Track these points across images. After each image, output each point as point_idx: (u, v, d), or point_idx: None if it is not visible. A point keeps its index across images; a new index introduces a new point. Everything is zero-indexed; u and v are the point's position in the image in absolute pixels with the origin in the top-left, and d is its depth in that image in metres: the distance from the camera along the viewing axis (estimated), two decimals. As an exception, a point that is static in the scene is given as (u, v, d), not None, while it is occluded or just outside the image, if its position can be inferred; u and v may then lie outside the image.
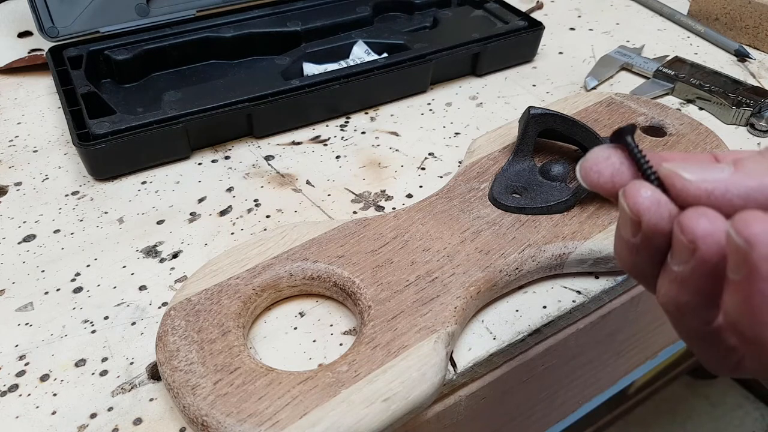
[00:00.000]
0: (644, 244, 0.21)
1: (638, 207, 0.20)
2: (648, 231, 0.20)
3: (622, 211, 0.21)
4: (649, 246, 0.21)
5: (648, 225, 0.20)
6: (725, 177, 0.20)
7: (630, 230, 0.21)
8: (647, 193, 0.20)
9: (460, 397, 0.33)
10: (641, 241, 0.21)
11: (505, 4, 0.58)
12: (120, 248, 0.38)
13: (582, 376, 0.42)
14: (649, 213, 0.20)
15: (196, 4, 0.54)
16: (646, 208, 0.20)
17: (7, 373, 0.31)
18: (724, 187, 0.19)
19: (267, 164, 0.45)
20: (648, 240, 0.21)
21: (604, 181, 0.22)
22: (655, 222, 0.20)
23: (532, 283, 0.36)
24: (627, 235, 0.21)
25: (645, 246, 0.21)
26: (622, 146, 0.22)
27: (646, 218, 0.20)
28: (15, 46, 0.58)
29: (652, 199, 0.20)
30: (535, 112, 0.40)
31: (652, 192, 0.20)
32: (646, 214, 0.20)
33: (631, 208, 0.20)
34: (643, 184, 0.20)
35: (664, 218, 0.20)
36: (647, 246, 0.21)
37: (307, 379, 0.28)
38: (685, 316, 0.21)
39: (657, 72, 0.53)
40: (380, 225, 0.36)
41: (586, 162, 0.22)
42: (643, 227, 0.20)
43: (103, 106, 0.44)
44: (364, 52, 0.53)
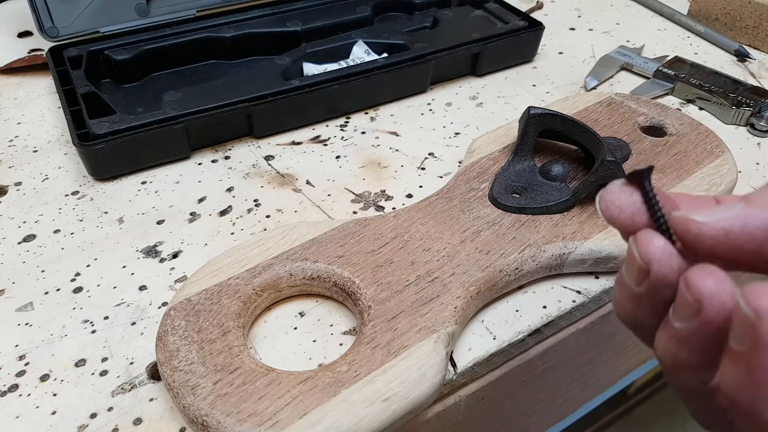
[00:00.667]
0: (648, 294, 0.20)
1: (649, 256, 0.20)
2: (655, 281, 0.20)
3: (631, 259, 0.21)
4: (653, 297, 0.20)
5: (657, 275, 0.20)
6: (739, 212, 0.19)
7: (636, 279, 0.20)
8: (660, 242, 0.20)
9: (460, 397, 0.33)
10: (646, 291, 0.20)
11: (505, 4, 0.58)
12: (120, 248, 0.38)
13: (582, 376, 0.42)
14: (659, 263, 0.20)
15: (196, 4, 0.54)
16: (657, 258, 0.20)
17: (7, 373, 0.31)
18: (741, 222, 0.19)
19: (267, 164, 0.45)
20: (653, 291, 0.20)
21: (624, 218, 0.21)
22: (664, 273, 0.20)
23: (532, 283, 0.36)
24: (631, 284, 0.21)
25: (649, 296, 0.20)
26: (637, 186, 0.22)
27: (656, 268, 0.20)
28: (15, 46, 0.58)
29: (664, 250, 0.20)
30: (535, 112, 0.40)
31: (664, 243, 0.20)
32: (657, 265, 0.20)
33: (642, 257, 0.20)
34: (655, 234, 0.20)
35: (673, 270, 0.20)
36: (651, 297, 0.20)
37: (307, 379, 0.28)
38: (682, 373, 0.21)
39: (657, 72, 0.53)
40: (380, 225, 0.36)
41: (608, 195, 0.22)
42: (651, 277, 0.20)
43: (103, 106, 0.44)
44: (364, 52, 0.53)
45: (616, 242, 0.35)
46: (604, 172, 0.36)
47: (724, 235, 0.19)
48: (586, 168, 0.41)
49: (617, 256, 0.35)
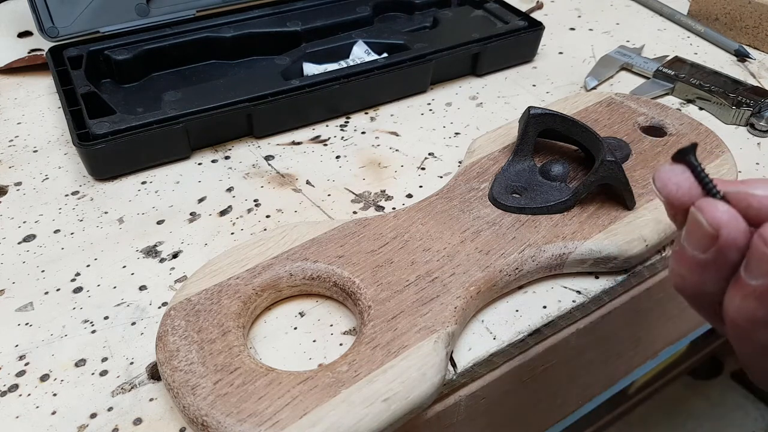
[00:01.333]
0: (716, 259, 0.21)
1: (718, 220, 0.20)
2: (724, 244, 0.20)
3: (695, 227, 0.21)
4: (721, 261, 0.21)
5: (727, 238, 0.20)
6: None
7: (703, 246, 0.21)
8: (725, 207, 0.20)
9: (460, 397, 0.33)
10: (713, 257, 0.21)
11: (505, 4, 0.58)
12: (120, 248, 0.38)
13: (582, 376, 0.42)
14: (728, 226, 0.20)
15: (196, 4, 0.54)
16: (726, 222, 0.20)
17: (7, 373, 0.31)
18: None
19: (267, 164, 0.45)
20: (722, 255, 0.21)
21: (682, 193, 0.22)
22: (734, 235, 0.20)
23: (532, 283, 0.36)
24: (697, 251, 0.21)
25: (716, 262, 0.21)
26: (685, 163, 0.22)
27: (725, 232, 0.20)
28: (15, 46, 0.58)
29: (731, 213, 0.20)
30: (535, 112, 0.40)
31: (728, 207, 0.21)
32: (726, 228, 0.20)
33: (711, 222, 0.20)
34: (718, 201, 0.21)
35: (741, 231, 0.20)
36: (719, 261, 0.21)
37: (307, 379, 0.28)
38: (759, 330, 0.21)
39: (657, 72, 0.53)
40: (380, 225, 0.36)
41: (664, 173, 0.22)
42: (720, 241, 0.20)
43: (103, 106, 0.44)
44: (364, 52, 0.53)
45: (616, 242, 0.35)
46: (604, 172, 0.36)
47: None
48: (586, 168, 0.41)
49: (617, 256, 0.35)
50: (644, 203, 0.38)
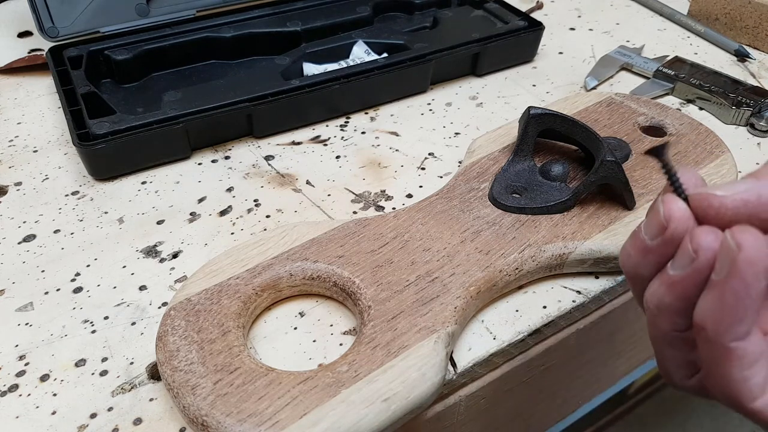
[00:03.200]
0: (657, 248, 0.23)
1: (670, 214, 0.23)
2: (668, 237, 0.23)
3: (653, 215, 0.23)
4: (660, 251, 0.23)
5: (673, 232, 0.23)
6: (753, 185, 0.22)
7: (652, 233, 0.23)
8: (682, 206, 0.23)
9: (460, 397, 0.33)
10: (656, 245, 0.23)
11: (505, 4, 0.58)
12: (120, 248, 0.38)
13: (582, 376, 0.42)
14: (678, 222, 0.23)
15: (196, 4, 0.54)
16: (677, 217, 0.23)
17: (7, 373, 0.31)
18: (756, 193, 0.22)
19: (267, 164, 0.45)
20: (663, 245, 0.23)
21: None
22: (679, 231, 0.23)
23: (532, 283, 0.36)
24: (646, 237, 0.24)
25: (657, 250, 0.23)
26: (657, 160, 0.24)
27: (673, 225, 0.23)
28: (15, 46, 0.58)
29: (684, 212, 0.23)
30: (535, 112, 0.40)
31: (685, 207, 0.23)
32: (674, 222, 0.23)
33: (665, 214, 0.23)
34: (678, 199, 0.23)
35: (686, 230, 0.23)
36: (658, 250, 0.23)
37: (307, 379, 0.28)
38: (662, 316, 0.24)
39: (657, 72, 0.53)
40: (380, 225, 0.36)
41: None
42: (666, 233, 0.23)
43: (103, 106, 0.44)
44: (364, 52, 0.53)
45: (616, 242, 0.35)
46: (604, 172, 0.36)
47: (743, 206, 0.22)
48: (586, 168, 0.41)
49: (617, 256, 0.35)
50: (644, 203, 0.38)
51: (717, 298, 0.21)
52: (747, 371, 0.22)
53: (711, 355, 0.22)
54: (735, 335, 0.22)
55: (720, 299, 0.21)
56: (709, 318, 0.22)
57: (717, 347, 0.22)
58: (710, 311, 0.22)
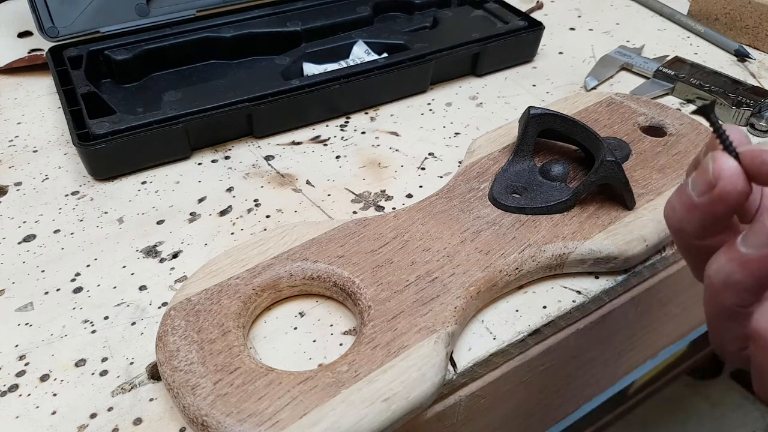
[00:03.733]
0: (704, 206, 0.23)
1: (720, 172, 0.22)
2: (717, 196, 0.22)
3: (702, 172, 0.23)
4: (707, 209, 0.23)
5: (722, 191, 0.22)
6: None
7: (700, 190, 0.23)
8: (733, 164, 0.22)
9: (460, 397, 0.33)
10: (703, 202, 0.23)
11: (505, 4, 0.58)
12: (120, 248, 0.38)
13: (582, 376, 0.42)
14: (728, 180, 0.22)
15: (196, 4, 0.54)
16: (727, 176, 0.22)
17: (7, 373, 0.31)
18: None
19: (267, 164, 0.45)
20: (711, 204, 0.22)
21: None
22: (729, 190, 0.22)
23: (532, 283, 0.36)
24: (694, 192, 0.23)
25: (703, 208, 0.23)
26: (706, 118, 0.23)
27: (722, 184, 0.22)
28: (15, 46, 0.58)
29: (735, 170, 0.22)
30: (535, 112, 0.40)
31: (736, 165, 0.22)
32: (724, 181, 0.22)
33: (714, 171, 0.22)
34: (729, 158, 0.22)
35: (736, 189, 0.22)
36: (705, 209, 0.23)
37: (307, 379, 0.28)
38: (728, 292, 0.23)
39: (657, 72, 0.53)
40: (380, 225, 0.36)
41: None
42: (714, 191, 0.22)
43: (103, 106, 0.44)
44: (364, 52, 0.53)
45: (616, 242, 0.35)
46: (604, 172, 0.36)
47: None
48: (586, 168, 0.41)
49: (617, 256, 0.35)
50: (644, 203, 0.38)
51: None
52: None
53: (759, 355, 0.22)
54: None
55: None
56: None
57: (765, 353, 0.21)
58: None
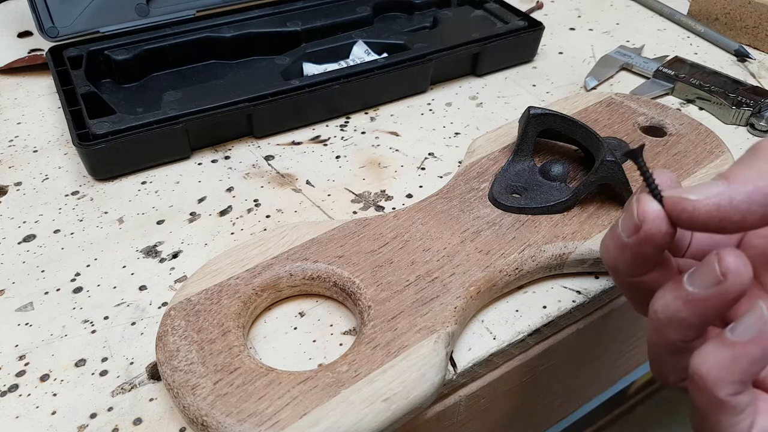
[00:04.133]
0: (632, 246, 0.24)
1: (644, 215, 0.23)
2: (642, 237, 0.23)
3: (628, 213, 0.24)
4: (636, 250, 0.24)
5: (646, 233, 0.23)
6: (724, 189, 0.22)
7: (627, 231, 0.24)
8: (656, 207, 0.23)
9: (460, 397, 0.33)
10: (632, 243, 0.24)
11: (505, 4, 0.58)
12: (120, 248, 0.38)
13: (582, 376, 0.42)
14: (651, 224, 0.23)
15: (196, 4, 0.54)
16: (650, 219, 0.23)
17: (7, 373, 0.31)
18: (728, 197, 0.22)
19: (267, 164, 0.45)
20: (639, 245, 0.24)
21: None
22: (653, 233, 0.23)
23: (532, 283, 0.36)
24: (623, 233, 0.24)
25: (632, 248, 0.24)
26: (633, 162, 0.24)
27: (646, 227, 0.23)
28: (15, 46, 0.58)
29: (657, 214, 0.23)
30: (535, 112, 0.40)
31: (659, 208, 0.23)
32: (648, 224, 0.23)
33: (639, 214, 0.23)
34: (653, 200, 0.23)
35: (660, 231, 0.23)
36: (634, 249, 0.24)
37: (307, 379, 0.28)
38: (672, 328, 0.24)
39: (657, 72, 0.53)
40: (380, 225, 0.36)
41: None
42: (640, 233, 0.23)
43: (103, 106, 0.44)
44: (364, 52, 0.53)
45: (616, 242, 0.35)
46: (604, 172, 0.36)
47: (716, 210, 0.22)
48: (586, 168, 0.41)
49: (617, 256, 0.35)
50: (644, 203, 0.38)
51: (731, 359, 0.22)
52: (736, 418, 0.22)
53: (704, 403, 0.23)
54: (734, 391, 0.22)
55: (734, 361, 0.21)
56: (714, 373, 0.22)
57: (713, 400, 0.22)
58: (716, 368, 0.22)
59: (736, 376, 0.22)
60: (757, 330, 0.21)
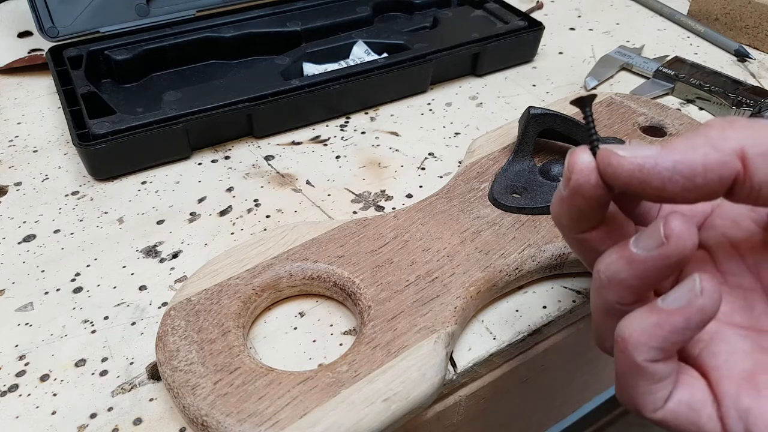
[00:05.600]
0: (567, 198, 0.24)
1: (573, 166, 0.23)
2: (572, 188, 0.23)
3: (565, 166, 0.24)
4: (571, 202, 0.24)
5: (575, 183, 0.23)
6: (654, 153, 0.22)
7: (563, 183, 0.24)
8: (586, 158, 0.23)
9: (460, 397, 0.33)
10: (565, 195, 0.24)
11: (505, 4, 0.58)
12: (120, 248, 0.38)
13: (582, 376, 0.42)
14: (579, 174, 0.23)
15: (196, 4, 0.54)
16: (578, 170, 0.23)
17: (7, 373, 0.31)
18: (654, 161, 0.21)
19: (267, 164, 0.45)
20: (571, 196, 0.23)
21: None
22: (581, 183, 0.23)
23: (532, 283, 0.36)
24: (561, 186, 0.24)
25: (565, 200, 0.24)
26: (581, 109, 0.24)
27: (575, 177, 0.23)
28: (15, 46, 0.58)
29: (587, 165, 0.23)
30: (535, 112, 0.40)
31: (590, 160, 0.23)
32: (576, 174, 0.23)
33: (569, 165, 0.23)
34: (587, 151, 0.23)
35: (589, 183, 0.23)
36: (569, 201, 0.24)
37: (307, 379, 0.28)
38: (611, 288, 0.23)
39: (657, 72, 0.53)
40: (380, 225, 0.36)
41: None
42: (570, 183, 0.23)
43: (103, 106, 0.44)
44: (364, 52, 0.53)
45: (616, 242, 0.35)
46: (604, 172, 0.36)
47: (638, 170, 0.22)
48: (586, 168, 0.41)
49: (617, 256, 0.35)
50: (644, 203, 0.38)
51: (653, 325, 0.22)
52: (653, 386, 0.22)
53: (623, 366, 0.23)
54: (651, 357, 0.22)
55: (657, 327, 0.22)
56: (635, 337, 0.22)
57: (630, 363, 0.22)
58: (637, 332, 0.22)
59: (655, 342, 0.22)
60: (687, 300, 0.21)
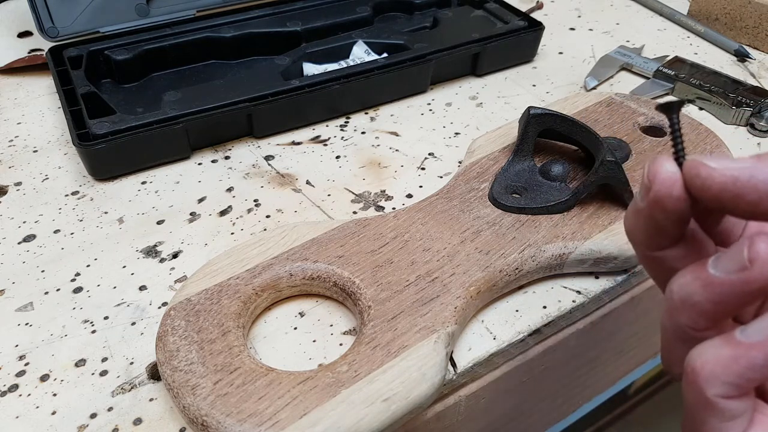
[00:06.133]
0: (645, 210, 0.22)
1: (654, 176, 0.21)
2: (652, 200, 0.21)
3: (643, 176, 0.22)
4: (648, 215, 0.22)
5: (655, 194, 0.21)
6: (749, 165, 0.20)
7: (641, 194, 0.22)
8: (670, 168, 0.21)
9: (460, 397, 0.33)
10: (644, 207, 0.22)
11: (505, 4, 0.58)
12: (120, 248, 0.38)
13: (582, 376, 0.42)
14: (661, 184, 0.21)
15: (196, 4, 0.54)
16: (660, 180, 0.21)
17: (7, 373, 0.31)
18: (749, 173, 0.20)
19: (267, 164, 0.45)
20: (650, 209, 0.22)
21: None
22: (662, 194, 0.21)
23: (532, 283, 0.36)
24: (638, 198, 0.22)
25: (645, 213, 0.22)
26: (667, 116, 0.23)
27: (655, 188, 0.21)
28: (15, 46, 0.58)
29: (670, 174, 0.21)
30: (535, 112, 0.40)
31: (674, 170, 0.21)
32: (657, 185, 0.21)
33: (648, 175, 0.21)
34: (670, 161, 0.21)
35: (671, 196, 0.21)
36: (647, 214, 0.22)
37: (307, 379, 0.28)
38: (684, 311, 0.21)
39: (657, 72, 0.53)
40: (380, 225, 0.36)
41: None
42: (650, 195, 0.21)
43: (103, 106, 0.44)
44: (364, 52, 0.53)
45: (616, 242, 0.35)
46: (604, 172, 0.36)
47: (732, 183, 0.20)
48: (586, 168, 0.41)
49: (617, 256, 0.35)
50: (644, 203, 0.38)
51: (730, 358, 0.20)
52: (724, 424, 0.21)
53: (692, 400, 0.21)
54: (725, 393, 0.20)
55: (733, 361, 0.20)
56: (707, 369, 0.20)
57: (700, 397, 0.20)
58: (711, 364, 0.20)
59: (731, 378, 0.20)
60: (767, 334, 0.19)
